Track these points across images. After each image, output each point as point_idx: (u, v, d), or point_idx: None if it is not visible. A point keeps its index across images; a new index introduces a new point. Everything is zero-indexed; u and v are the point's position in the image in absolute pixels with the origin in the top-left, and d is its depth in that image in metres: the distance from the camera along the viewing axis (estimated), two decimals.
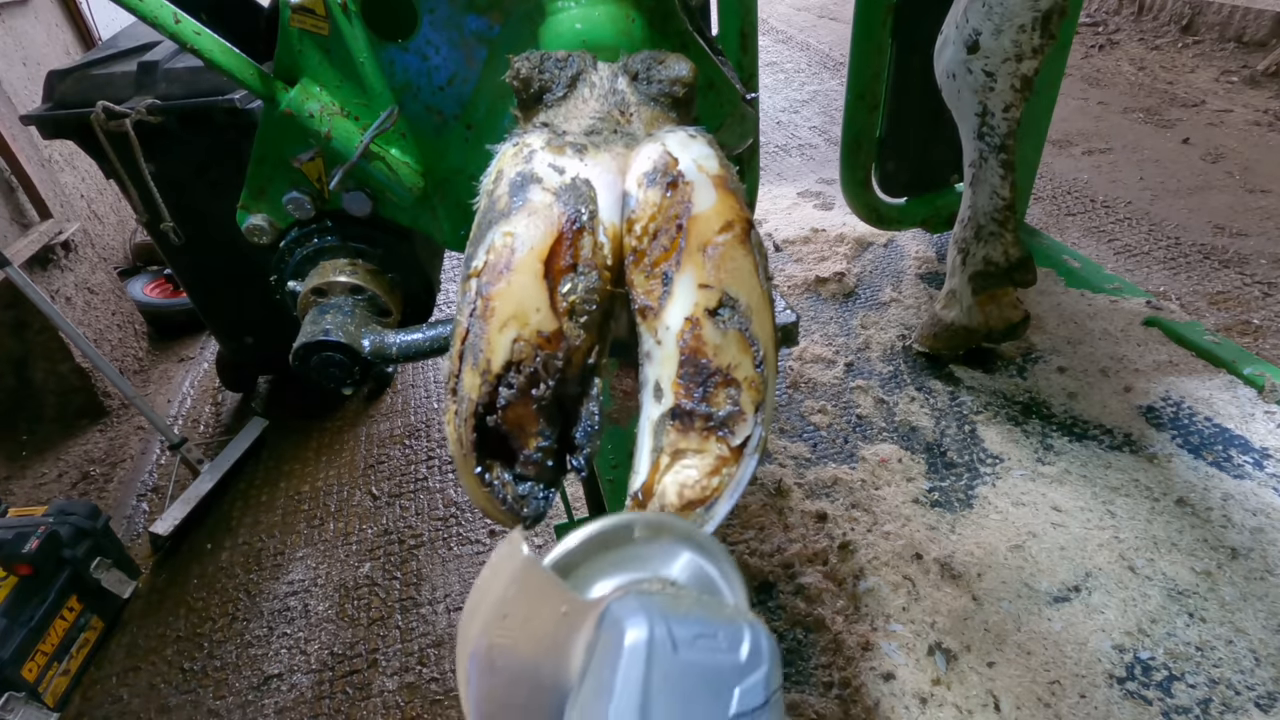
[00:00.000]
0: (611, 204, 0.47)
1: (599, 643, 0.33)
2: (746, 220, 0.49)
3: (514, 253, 0.45)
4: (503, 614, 0.34)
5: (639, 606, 0.33)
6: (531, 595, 0.35)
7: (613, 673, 0.31)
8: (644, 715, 0.30)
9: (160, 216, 1.87)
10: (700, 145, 0.50)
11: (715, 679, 0.31)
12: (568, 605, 0.35)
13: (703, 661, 0.32)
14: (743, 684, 0.31)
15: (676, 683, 0.31)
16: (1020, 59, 1.59)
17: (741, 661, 0.32)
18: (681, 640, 0.32)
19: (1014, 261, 1.87)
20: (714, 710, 0.31)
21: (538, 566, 0.36)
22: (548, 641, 0.35)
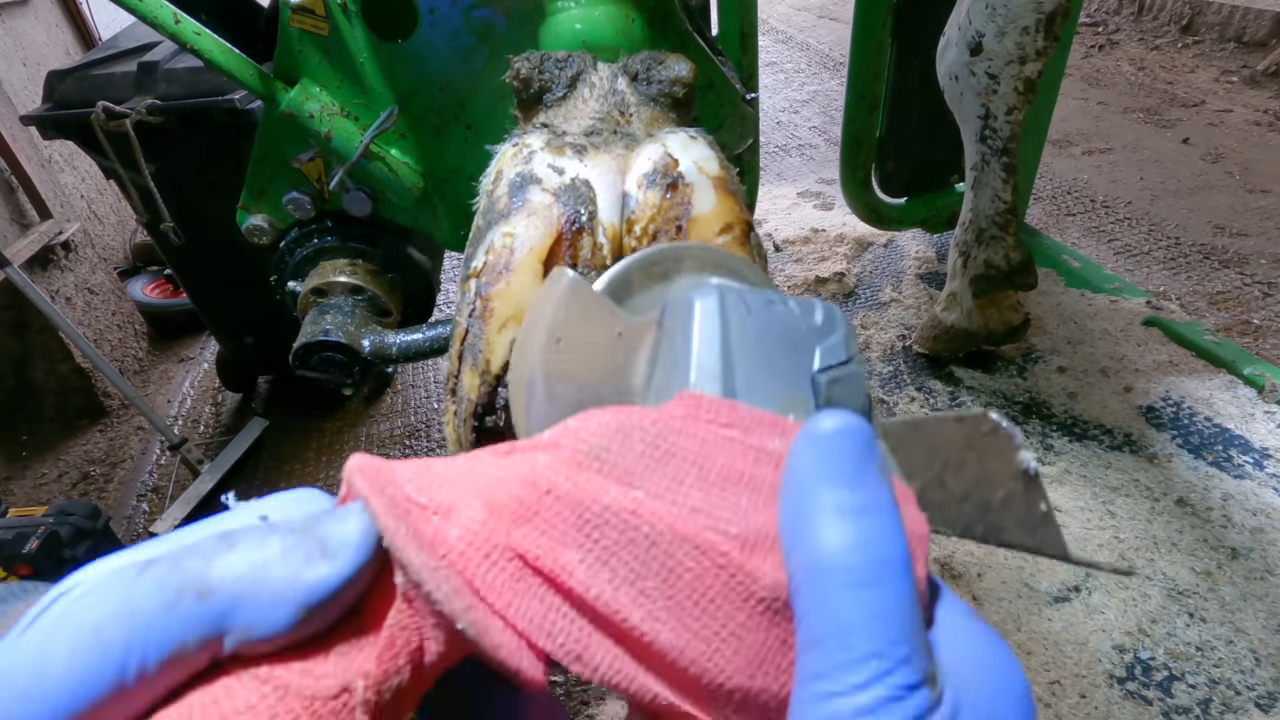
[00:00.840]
0: (611, 205, 0.47)
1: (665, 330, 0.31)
2: (746, 222, 0.49)
3: (513, 253, 0.45)
4: (556, 338, 0.33)
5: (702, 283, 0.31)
6: (584, 318, 0.33)
7: (686, 342, 0.29)
8: (727, 373, 0.28)
9: (160, 216, 1.87)
10: (701, 147, 0.50)
11: (795, 338, 0.30)
12: (623, 326, 0.34)
13: (780, 323, 0.30)
14: (823, 343, 0.30)
15: (755, 341, 0.29)
16: (1024, 61, 1.58)
17: (818, 324, 0.30)
18: (754, 306, 0.30)
19: (1015, 265, 1.87)
20: (798, 364, 0.29)
21: (586, 289, 0.34)
22: (607, 364, 0.33)
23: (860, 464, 0.22)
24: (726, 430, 0.25)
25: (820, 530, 0.21)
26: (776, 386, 0.29)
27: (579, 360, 0.33)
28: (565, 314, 0.33)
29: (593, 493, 0.23)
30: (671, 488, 0.23)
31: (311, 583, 0.20)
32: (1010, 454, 0.24)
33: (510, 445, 0.25)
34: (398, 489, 0.23)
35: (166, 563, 0.20)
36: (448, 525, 0.22)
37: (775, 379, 0.29)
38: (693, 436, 0.24)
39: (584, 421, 0.25)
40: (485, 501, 0.23)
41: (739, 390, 0.28)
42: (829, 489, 0.22)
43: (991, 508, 0.24)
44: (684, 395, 0.26)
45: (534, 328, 0.34)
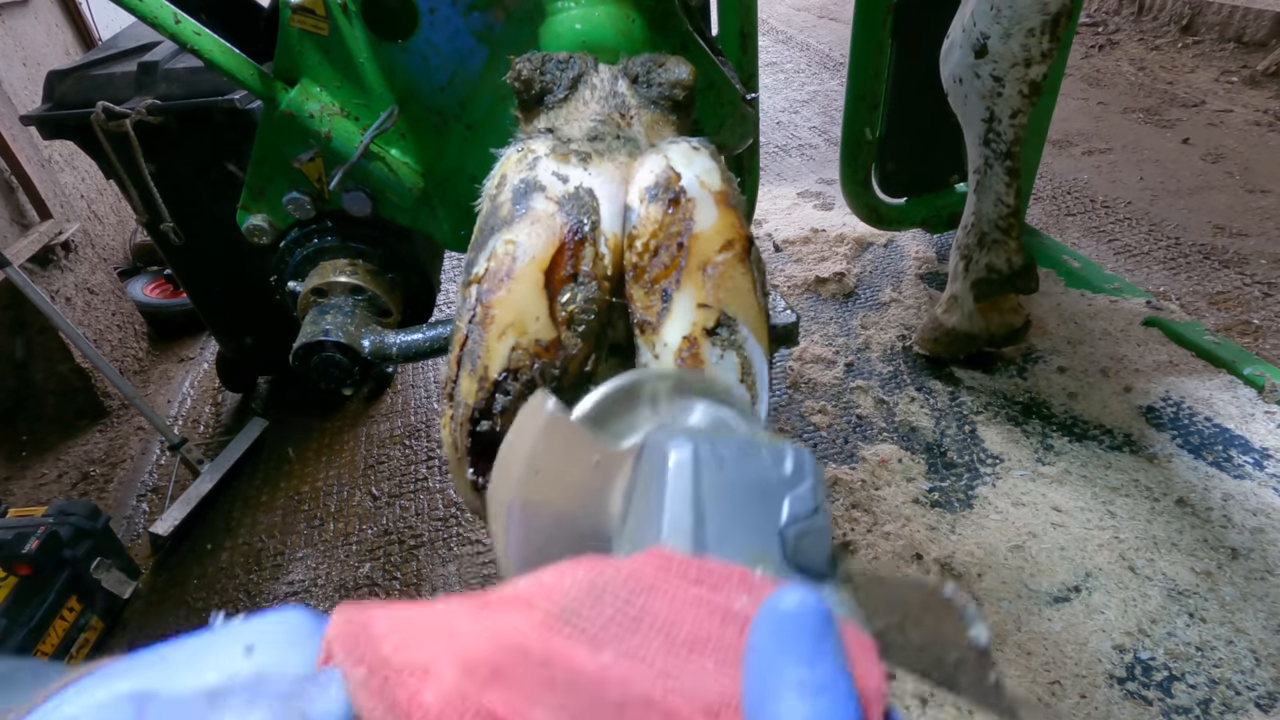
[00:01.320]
0: (614, 214, 0.47)
1: (640, 474, 0.33)
2: (747, 238, 0.49)
3: (515, 261, 0.45)
4: (534, 469, 0.34)
5: (679, 431, 0.33)
6: (562, 448, 0.34)
7: (660, 494, 0.31)
8: (698, 527, 0.30)
9: (160, 216, 1.87)
10: (703, 159, 0.50)
11: (764, 490, 0.31)
12: (600, 455, 0.35)
13: (750, 475, 0.32)
14: (792, 493, 0.31)
15: (726, 495, 0.31)
16: (1029, 64, 1.57)
17: (787, 474, 0.32)
18: (727, 457, 0.32)
19: (1017, 269, 1.87)
20: (767, 518, 0.31)
21: (565, 419, 0.35)
22: (583, 493, 0.34)
23: (819, 642, 0.24)
24: (695, 588, 0.26)
25: (781, 706, 0.22)
26: (746, 539, 0.30)
27: (556, 490, 0.34)
28: (544, 445, 0.34)
29: (564, 655, 0.24)
30: (640, 650, 0.24)
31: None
32: (963, 628, 0.26)
33: (484, 600, 0.26)
34: (375, 653, 0.24)
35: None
36: (424, 688, 0.23)
37: (744, 532, 0.30)
38: (663, 595, 0.25)
39: (558, 577, 0.26)
40: (461, 662, 0.24)
41: (709, 543, 0.30)
42: (790, 665, 0.23)
43: (946, 665, 0.26)
44: (655, 551, 0.27)
45: (513, 456, 0.35)
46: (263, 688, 0.23)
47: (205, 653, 0.25)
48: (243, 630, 0.25)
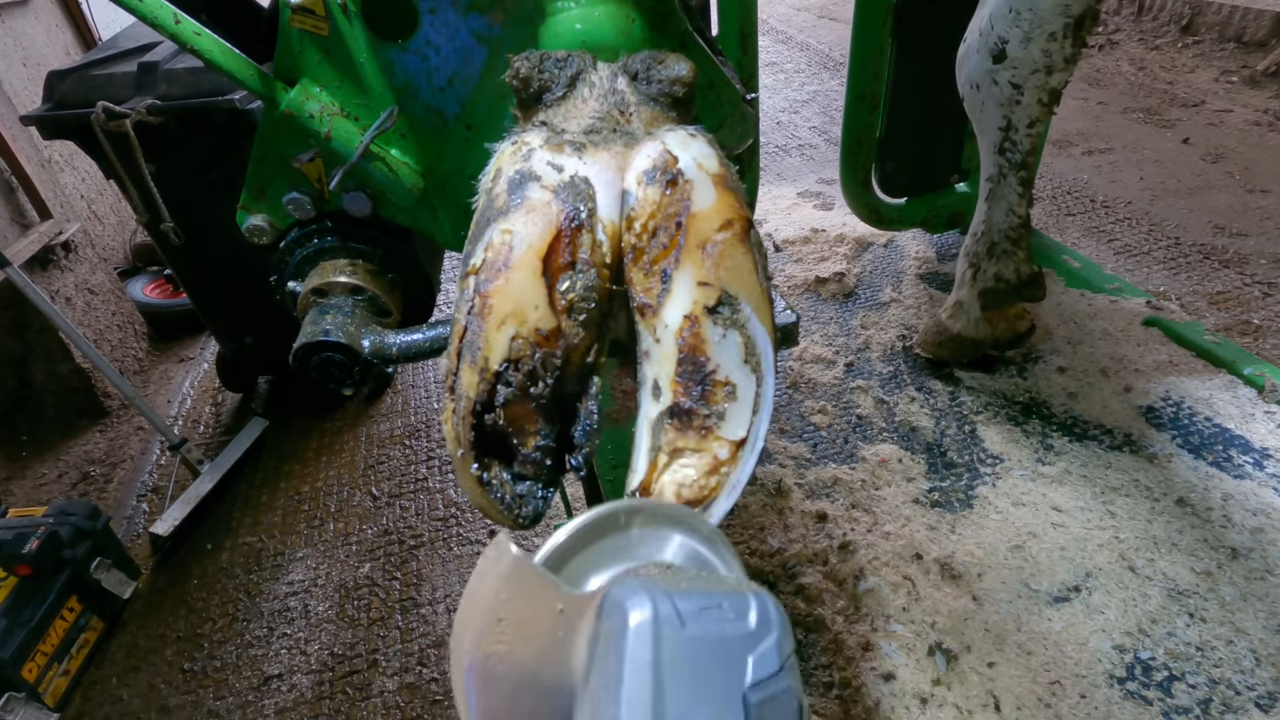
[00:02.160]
0: (610, 202, 0.47)
1: (601, 632, 0.32)
2: (746, 219, 0.49)
3: (512, 250, 0.45)
4: (497, 618, 0.33)
5: (639, 587, 0.32)
6: (525, 596, 0.33)
7: (619, 659, 0.30)
8: (658, 697, 0.29)
9: (160, 216, 1.87)
10: (700, 144, 0.50)
11: (726, 650, 0.30)
12: (564, 602, 0.34)
13: (712, 633, 0.30)
14: (755, 652, 0.30)
15: (687, 659, 0.30)
16: (1050, 71, 1.49)
17: (751, 629, 0.31)
18: (687, 614, 0.30)
19: (1025, 278, 1.85)
20: (729, 682, 0.30)
21: (528, 565, 0.34)
22: (547, 643, 0.33)
23: None
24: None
25: None
26: (706, 711, 0.29)
27: (519, 639, 0.33)
28: (508, 595, 0.33)
29: None
30: None
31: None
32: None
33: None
34: None
35: None
36: None
37: (706, 702, 0.29)
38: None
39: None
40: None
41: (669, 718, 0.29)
42: None
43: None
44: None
45: (475, 605, 0.34)
46: None
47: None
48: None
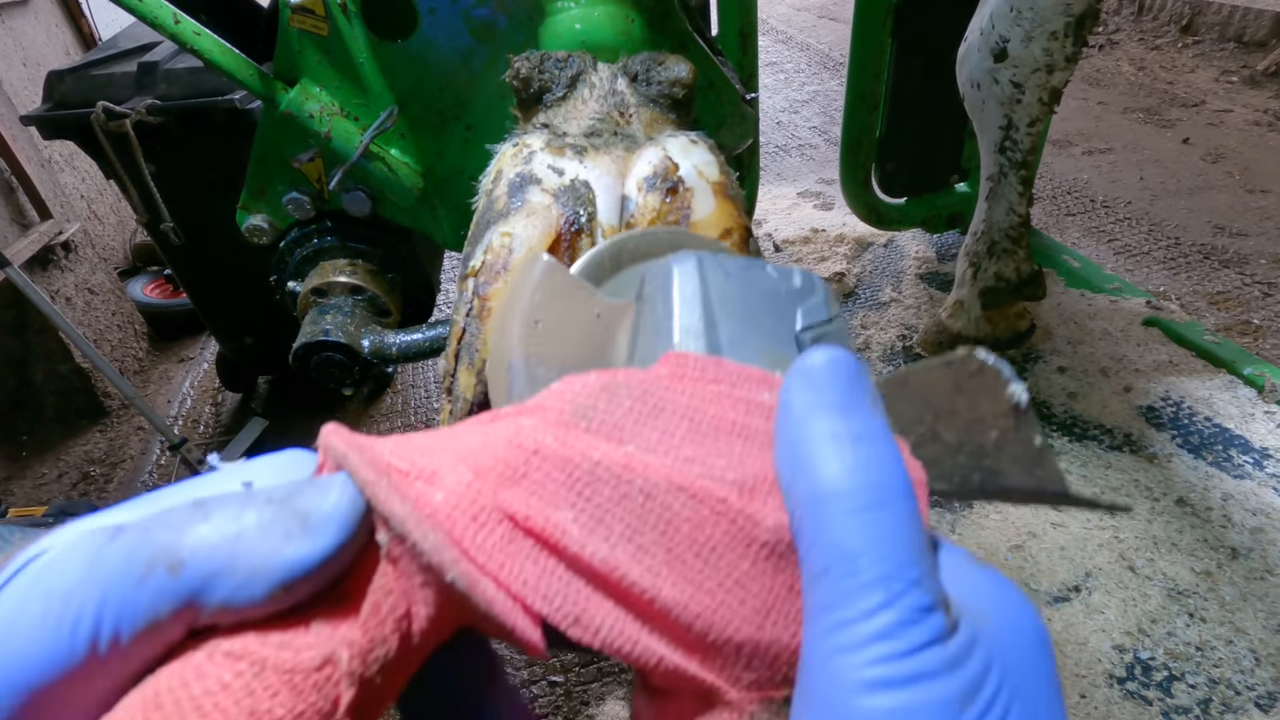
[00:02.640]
0: (610, 206, 0.47)
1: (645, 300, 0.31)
2: (745, 227, 0.49)
3: (511, 253, 0.45)
4: (534, 320, 0.32)
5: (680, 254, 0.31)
6: (562, 301, 0.33)
7: (668, 304, 0.29)
8: (711, 331, 0.28)
9: (160, 216, 1.87)
10: (701, 151, 0.50)
11: (775, 299, 0.30)
12: (601, 308, 0.33)
13: (759, 284, 0.30)
14: (804, 304, 0.30)
15: (737, 301, 0.29)
16: (1052, 70, 1.48)
17: (797, 287, 0.30)
18: (732, 269, 0.30)
19: (1025, 277, 1.85)
20: (781, 324, 0.29)
21: (564, 271, 0.34)
22: (586, 345, 0.33)
23: (853, 394, 0.22)
24: (714, 385, 0.24)
25: (818, 459, 0.21)
26: (761, 344, 0.29)
27: (558, 343, 0.32)
28: (542, 296, 0.32)
29: (582, 450, 0.22)
30: (663, 441, 0.23)
31: (291, 559, 0.20)
32: (1000, 391, 0.24)
33: (494, 413, 0.24)
34: (377, 454, 0.22)
35: (137, 531, 0.20)
36: (432, 490, 0.21)
37: (759, 337, 0.29)
38: (681, 392, 0.24)
39: (568, 384, 0.24)
40: (470, 465, 0.22)
41: (724, 347, 0.28)
42: (824, 419, 0.22)
43: (986, 452, 0.24)
44: (669, 355, 0.25)
45: (511, 312, 0.33)
46: (255, 494, 0.21)
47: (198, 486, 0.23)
48: (239, 469, 0.23)
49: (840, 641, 0.19)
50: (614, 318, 0.33)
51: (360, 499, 0.21)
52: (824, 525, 0.20)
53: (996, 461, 0.24)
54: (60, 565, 0.19)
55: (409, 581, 0.21)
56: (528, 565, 0.21)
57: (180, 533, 0.19)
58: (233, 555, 0.19)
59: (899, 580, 0.19)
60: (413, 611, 0.21)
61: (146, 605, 0.19)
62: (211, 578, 0.19)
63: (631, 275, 0.38)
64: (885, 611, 0.18)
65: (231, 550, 0.19)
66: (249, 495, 0.21)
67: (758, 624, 0.21)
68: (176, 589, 0.19)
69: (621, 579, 0.21)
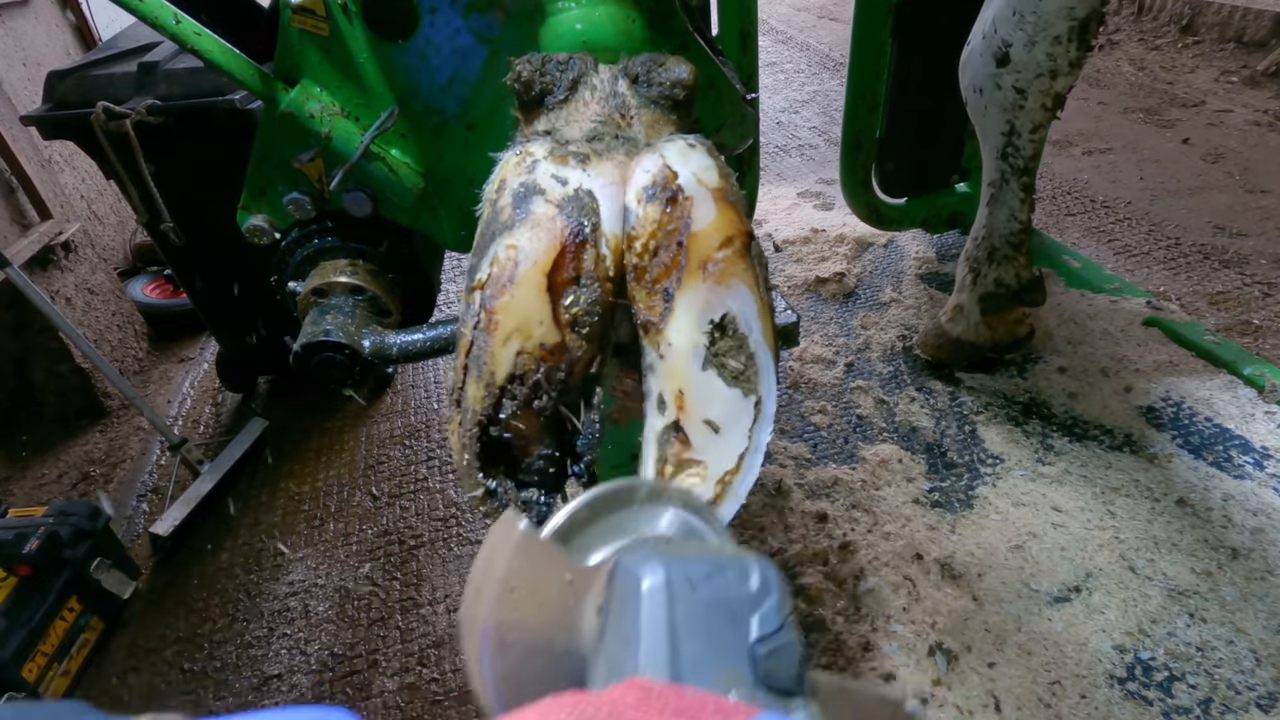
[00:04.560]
0: (614, 214, 0.47)
1: (614, 597, 0.34)
2: (746, 233, 0.49)
3: (517, 266, 0.45)
4: (509, 588, 0.35)
5: (650, 555, 0.34)
6: (535, 566, 0.35)
7: (635, 621, 0.32)
8: (674, 653, 0.31)
9: (160, 216, 1.87)
10: (700, 156, 0.50)
11: (734, 611, 0.33)
12: (572, 573, 0.36)
13: (720, 596, 0.33)
14: (759, 611, 0.33)
15: (699, 619, 0.32)
16: (1055, 75, 1.46)
17: (754, 591, 0.33)
18: (696, 579, 0.33)
19: (1025, 283, 1.85)
20: (737, 639, 0.32)
21: (537, 538, 0.36)
22: (557, 611, 0.35)
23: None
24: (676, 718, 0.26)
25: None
26: (718, 663, 0.31)
27: (530, 608, 0.35)
28: (518, 564, 0.35)
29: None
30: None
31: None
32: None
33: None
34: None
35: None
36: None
37: (717, 656, 0.31)
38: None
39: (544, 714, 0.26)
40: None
41: (685, 672, 0.30)
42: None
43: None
44: (634, 682, 0.28)
45: (486, 576, 0.36)
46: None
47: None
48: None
49: None
50: (584, 582, 0.36)
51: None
52: None
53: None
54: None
55: None
56: None
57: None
58: None
59: None
60: None
61: None
62: None
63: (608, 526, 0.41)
64: None
65: None
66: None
67: None
68: None
69: None
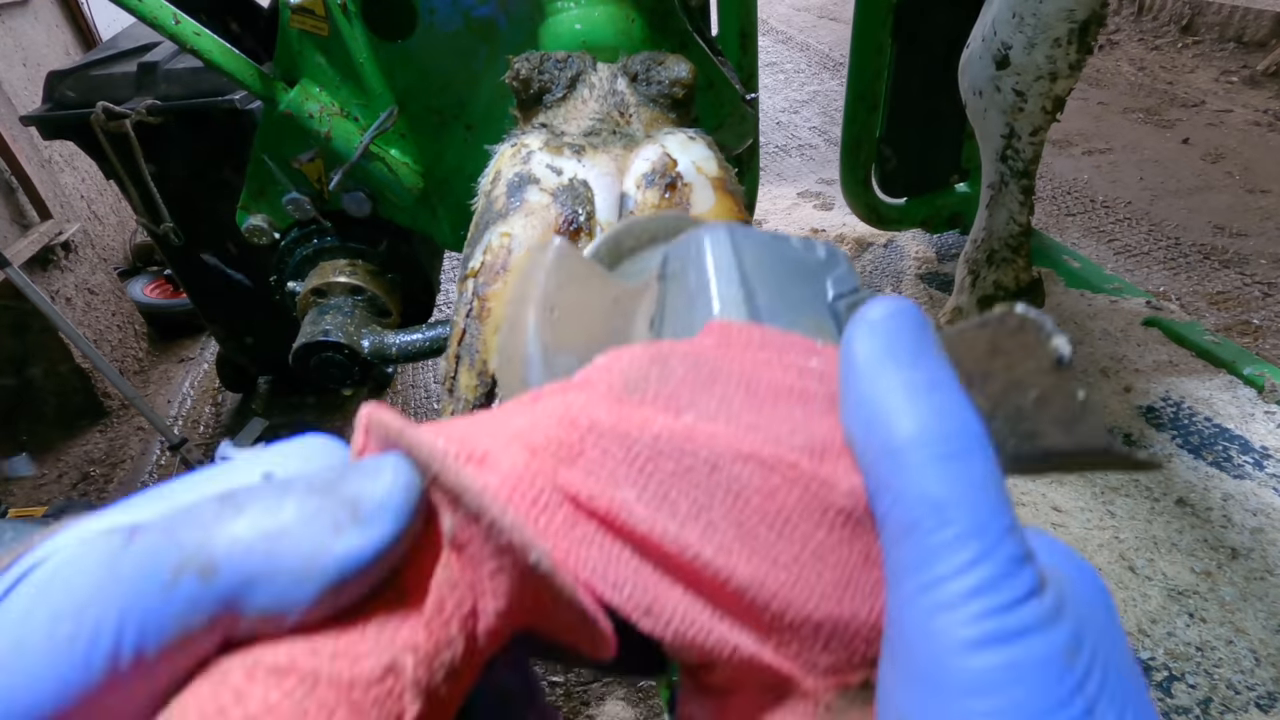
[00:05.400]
0: (609, 205, 0.47)
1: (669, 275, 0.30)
2: (745, 222, 0.49)
3: (511, 253, 0.45)
4: (550, 307, 0.30)
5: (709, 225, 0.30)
6: (576, 285, 0.31)
7: (702, 274, 0.28)
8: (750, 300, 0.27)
9: (160, 217, 1.87)
10: (699, 147, 0.50)
11: (804, 269, 0.29)
12: (617, 291, 0.32)
13: (788, 256, 0.29)
14: (832, 274, 0.30)
15: (770, 271, 0.28)
16: (1055, 77, 1.46)
17: (823, 258, 0.30)
18: (761, 239, 0.29)
19: (1024, 286, 1.85)
20: (813, 293, 0.29)
21: (578, 255, 0.32)
22: (604, 331, 0.31)
23: (921, 343, 0.21)
24: (763, 352, 0.23)
25: (893, 410, 0.20)
26: (798, 313, 0.28)
27: (575, 331, 0.30)
28: (557, 282, 0.31)
29: (640, 423, 0.21)
30: (722, 409, 0.21)
31: (341, 556, 0.17)
32: (1041, 347, 0.22)
33: (535, 393, 0.23)
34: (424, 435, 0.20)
35: (158, 533, 0.17)
36: (486, 473, 0.20)
37: (796, 306, 0.28)
38: (732, 359, 0.23)
39: (614, 358, 0.23)
40: (524, 445, 0.20)
41: (764, 316, 0.27)
42: (895, 369, 0.20)
43: (1025, 414, 0.23)
44: (712, 324, 0.24)
45: (524, 300, 0.31)
46: (292, 483, 0.18)
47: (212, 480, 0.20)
48: (256, 457, 0.20)
49: (936, 600, 0.17)
50: (630, 301, 0.32)
51: (416, 480, 0.19)
52: (907, 477, 0.19)
53: (1035, 423, 0.22)
54: (69, 574, 0.17)
55: (477, 571, 0.19)
56: (594, 551, 0.20)
57: (210, 531, 0.17)
58: (273, 554, 0.17)
59: (992, 530, 0.18)
60: (479, 607, 0.19)
61: (176, 616, 0.16)
62: (250, 582, 0.17)
63: (644, 259, 0.36)
64: (983, 564, 0.17)
65: (271, 549, 0.17)
66: (286, 484, 0.18)
67: (837, 598, 0.20)
68: (210, 596, 0.17)
69: (694, 559, 0.19)
